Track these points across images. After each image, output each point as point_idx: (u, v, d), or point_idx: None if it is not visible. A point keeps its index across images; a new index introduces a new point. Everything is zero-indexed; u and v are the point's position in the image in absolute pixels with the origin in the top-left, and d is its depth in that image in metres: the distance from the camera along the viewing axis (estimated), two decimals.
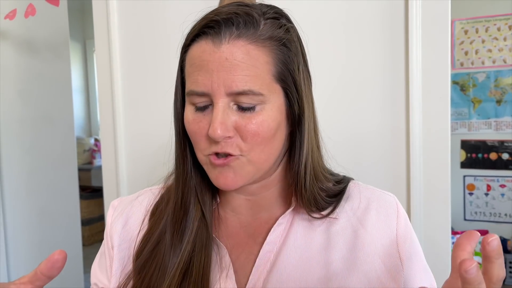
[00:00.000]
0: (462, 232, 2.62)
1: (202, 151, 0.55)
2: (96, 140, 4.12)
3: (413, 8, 1.00)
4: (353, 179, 0.67)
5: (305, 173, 0.58)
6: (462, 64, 2.85)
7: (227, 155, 0.53)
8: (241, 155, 0.53)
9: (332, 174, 0.66)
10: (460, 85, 2.87)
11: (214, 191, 0.63)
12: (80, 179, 2.19)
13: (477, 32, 2.82)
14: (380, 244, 0.59)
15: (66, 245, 2.00)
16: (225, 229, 0.62)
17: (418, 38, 1.01)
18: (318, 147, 0.63)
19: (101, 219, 3.91)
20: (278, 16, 0.56)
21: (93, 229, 3.82)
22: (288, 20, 0.57)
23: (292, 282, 0.56)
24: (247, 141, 0.53)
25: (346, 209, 0.62)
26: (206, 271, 0.57)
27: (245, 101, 0.51)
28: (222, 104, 0.51)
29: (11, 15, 1.46)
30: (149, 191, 0.70)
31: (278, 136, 0.56)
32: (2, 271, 1.69)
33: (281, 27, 0.55)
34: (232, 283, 0.57)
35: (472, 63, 2.83)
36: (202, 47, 0.52)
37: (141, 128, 1.33)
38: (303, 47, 0.59)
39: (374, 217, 0.61)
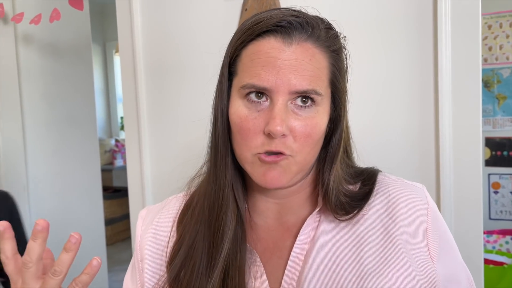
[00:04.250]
0: (488, 232, 2.56)
1: (252, 149, 0.54)
2: (117, 141, 4.19)
3: (442, 5, 0.98)
4: (381, 171, 0.66)
5: (334, 177, 0.59)
6: (486, 60, 2.78)
7: (278, 153, 0.53)
8: (290, 155, 0.54)
9: (358, 174, 0.65)
10: (484, 81, 2.80)
11: (244, 195, 0.63)
12: (101, 179, 2.23)
13: (501, 27, 2.75)
14: (411, 238, 0.58)
15: (91, 244, 2.03)
16: (253, 233, 0.63)
17: (448, 35, 0.99)
18: (347, 152, 0.64)
19: (122, 219, 3.96)
20: (331, 27, 0.58)
21: (115, 228, 3.87)
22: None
23: (325, 281, 0.56)
24: (299, 142, 0.53)
25: (375, 204, 0.61)
26: (242, 275, 0.57)
27: (305, 102, 0.53)
28: (282, 101, 0.52)
29: (36, 19, 1.49)
30: (175, 199, 0.70)
31: (322, 139, 0.57)
32: None
33: (336, 37, 0.57)
34: (265, 286, 0.57)
35: (497, 59, 2.76)
36: (271, 43, 0.53)
37: (165, 129, 1.34)
38: (346, 56, 0.61)
39: (404, 211, 0.60)
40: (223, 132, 0.58)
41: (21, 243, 1.10)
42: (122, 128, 4.55)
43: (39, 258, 0.50)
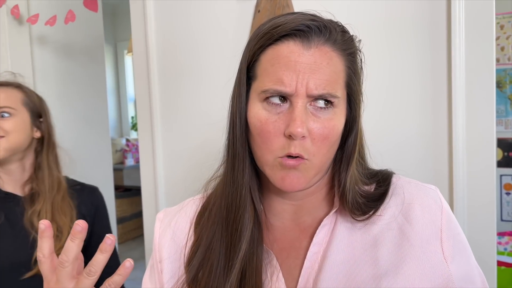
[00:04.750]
0: (500, 234, 2.54)
1: (274, 152, 0.55)
2: (128, 140, 4.23)
3: (455, 5, 0.98)
4: (394, 173, 0.67)
5: (350, 178, 0.60)
6: (498, 60, 2.76)
7: (297, 157, 0.54)
8: (308, 159, 0.55)
9: (373, 176, 0.66)
10: (496, 81, 2.78)
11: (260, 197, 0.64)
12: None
13: None
14: (426, 239, 0.59)
15: None
16: (270, 234, 0.63)
17: (461, 35, 0.98)
18: (361, 154, 0.64)
19: (133, 217, 3.99)
20: (346, 30, 0.59)
21: (125, 227, 3.90)
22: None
23: (342, 281, 0.57)
24: (316, 144, 0.54)
25: (390, 205, 0.62)
26: (259, 275, 0.58)
27: (323, 104, 0.54)
28: (302, 104, 0.53)
29: (51, 21, 1.51)
30: (192, 201, 0.71)
31: (338, 141, 0.58)
32: None
33: (351, 40, 0.58)
34: (282, 285, 0.58)
35: (509, 59, 2.74)
36: (290, 47, 0.54)
37: (178, 129, 1.35)
38: (361, 58, 0.61)
39: (418, 212, 0.60)
40: (241, 135, 0.58)
41: (106, 233, 1.12)
42: (133, 127, 4.59)
43: (76, 258, 0.51)
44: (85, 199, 1.18)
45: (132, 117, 4.64)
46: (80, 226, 0.50)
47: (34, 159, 1.14)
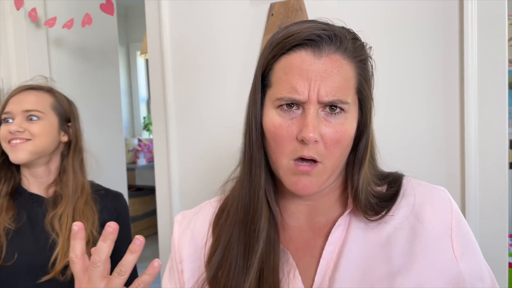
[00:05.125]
0: (511, 236, 2.52)
1: (287, 155, 0.58)
2: (140, 140, 4.27)
3: (468, 5, 0.98)
4: (405, 175, 0.69)
5: (362, 180, 0.62)
6: (510, 61, 2.74)
7: (311, 162, 0.57)
8: (321, 162, 0.57)
9: (384, 177, 0.68)
10: (508, 82, 2.76)
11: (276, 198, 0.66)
12: None
13: None
14: (437, 238, 0.60)
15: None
16: (286, 234, 0.66)
17: (474, 35, 0.98)
18: (373, 155, 0.66)
19: (144, 216, 4.03)
20: (357, 37, 0.60)
21: (137, 226, 3.94)
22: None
23: (357, 279, 0.58)
24: (329, 148, 0.57)
25: (402, 206, 0.63)
26: (277, 274, 0.60)
27: (333, 110, 0.56)
28: (314, 110, 0.56)
29: (69, 24, 1.54)
30: (209, 204, 0.74)
31: (350, 144, 0.60)
32: None
33: (362, 47, 0.60)
34: (299, 283, 0.60)
35: None
36: (302, 57, 0.56)
37: (192, 131, 1.37)
38: (372, 65, 0.63)
39: (429, 212, 0.62)
40: (257, 139, 0.61)
41: (127, 241, 1.10)
42: (144, 127, 4.64)
43: (107, 258, 0.54)
44: (108, 205, 1.18)
45: (144, 117, 4.68)
46: (112, 228, 0.52)
47: (60, 162, 1.15)
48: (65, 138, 1.15)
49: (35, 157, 1.07)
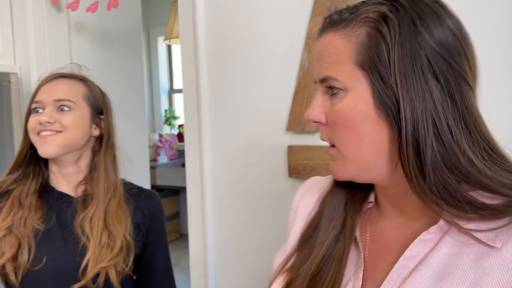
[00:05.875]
0: None
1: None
2: (161, 135, 4.08)
3: None
4: None
5: (422, 172, 0.50)
6: None
7: (331, 145, 0.58)
8: (334, 145, 0.58)
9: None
10: None
11: (369, 191, 0.64)
12: None
13: None
14: None
15: None
16: (371, 231, 0.63)
17: None
18: (486, 148, 0.50)
19: (166, 220, 3.90)
20: (357, 9, 0.55)
21: None
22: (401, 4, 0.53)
23: None
24: (331, 129, 0.57)
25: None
26: (341, 264, 0.59)
27: (331, 90, 0.56)
28: (320, 91, 0.58)
29: (93, 7, 1.49)
30: (329, 179, 0.73)
31: (366, 128, 0.53)
32: None
33: (358, 17, 0.54)
34: (358, 284, 0.57)
35: None
36: (318, 41, 0.60)
37: (228, 125, 1.30)
38: (422, 28, 0.51)
39: None
40: None
41: (162, 245, 1.11)
42: (166, 122, 4.42)
43: None
44: (141, 205, 1.09)
45: (165, 110, 4.47)
46: None
47: (90, 159, 1.08)
48: (96, 132, 1.08)
49: (65, 151, 1.00)
